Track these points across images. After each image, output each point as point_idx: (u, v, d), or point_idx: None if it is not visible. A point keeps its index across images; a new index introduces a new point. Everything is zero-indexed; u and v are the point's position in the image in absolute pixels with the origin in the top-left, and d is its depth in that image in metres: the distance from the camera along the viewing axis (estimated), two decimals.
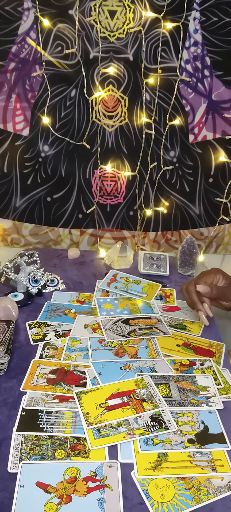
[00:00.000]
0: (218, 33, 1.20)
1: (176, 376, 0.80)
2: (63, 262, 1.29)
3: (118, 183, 1.35)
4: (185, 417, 0.71)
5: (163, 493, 0.59)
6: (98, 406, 0.71)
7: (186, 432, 0.68)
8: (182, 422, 0.70)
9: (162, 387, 0.77)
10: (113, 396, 0.73)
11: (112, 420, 0.68)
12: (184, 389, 0.77)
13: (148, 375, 0.79)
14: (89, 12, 1.17)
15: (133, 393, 0.74)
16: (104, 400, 0.72)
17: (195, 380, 0.79)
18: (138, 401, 0.72)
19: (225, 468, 0.63)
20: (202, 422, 0.70)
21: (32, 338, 0.90)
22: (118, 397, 0.73)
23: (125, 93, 1.25)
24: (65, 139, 1.29)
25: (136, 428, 0.68)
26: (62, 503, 0.56)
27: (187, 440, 0.67)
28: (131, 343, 0.90)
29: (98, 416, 0.69)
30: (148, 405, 0.72)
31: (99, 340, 0.90)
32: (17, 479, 0.59)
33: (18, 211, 1.36)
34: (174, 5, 1.17)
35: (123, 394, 0.74)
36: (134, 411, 0.70)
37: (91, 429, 0.67)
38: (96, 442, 0.65)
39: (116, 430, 0.67)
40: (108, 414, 0.70)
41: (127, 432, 0.67)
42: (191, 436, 0.67)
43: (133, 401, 0.72)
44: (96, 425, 0.67)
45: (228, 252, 1.47)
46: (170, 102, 1.26)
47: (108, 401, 0.72)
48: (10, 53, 1.19)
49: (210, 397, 0.75)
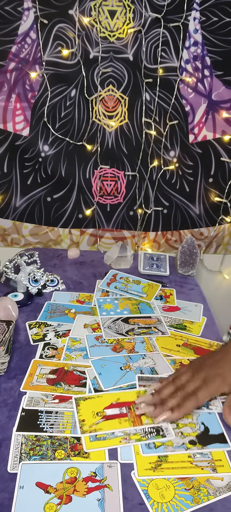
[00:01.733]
0: (218, 33, 1.20)
1: None
2: (63, 262, 1.29)
3: (118, 183, 1.35)
4: (185, 419, 0.71)
5: (163, 493, 0.59)
6: (95, 415, 0.70)
7: (186, 433, 0.68)
8: (182, 424, 0.70)
9: None
10: (112, 405, 0.72)
11: (107, 430, 0.67)
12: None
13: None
14: (89, 12, 1.17)
15: (133, 404, 0.73)
16: (103, 409, 0.71)
17: None
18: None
19: (225, 468, 0.63)
20: (202, 423, 0.70)
21: (32, 338, 0.90)
22: (117, 407, 0.72)
23: (125, 93, 1.25)
24: (65, 139, 1.29)
25: (132, 433, 0.67)
26: (62, 503, 0.56)
27: (188, 441, 0.66)
28: (128, 339, 0.90)
29: (94, 424, 0.68)
30: (146, 418, 0.70)
31: (96, 337, 0.90)
32: (17, 479, 0.59)
33: (18, 211, 1.36)
34: (174, 5, 1.17)
35: (122, 405, 0.72)
36: (131, 424, 0.69)
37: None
38: (91, 444, 0.65)
39: (112, 434, 0.67)
40: (104, 423, 0.68)
41: (123, 437, 0.66)
42: (192, 438, 0.67)
43: (131, 413, 0.71)
44: (90, 434, 0.66)
45: (228, 252, 1.47)
46: (170, 102, 1.26)
47: (107, 410, 0.71)
48: (10, 53, 1.19)
49: (210, 400, 0.75)
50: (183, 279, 1.22)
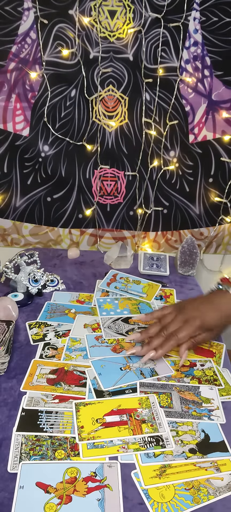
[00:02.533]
0: (218, 33, 1.20)
1: (179, 386, 0.78)
2: (63, 262, 1.29)
3: (118, 183, 1.35)
4: (185, 426, 0.69)
5: (163, 493, 0.59)
6: (95, 421, 0.69)
7: (186, 442, 0.67)
8: (182, 431, 0.68)
9: (163, 396, 0.75)
10: (113, 412, 0.71)
11: (106, 438, 0.66)
12: (186, 400, 0.75)
13: (154, 394, 0.75)
14: (89, 12, 1.17)
15: (134, 412, 0.71)
16: (102, 416, 0.70)
17: (198, 391, 0.77)
18: (138, 421, 0.70)
19: (227, 466, 0.63)
20: (202, 431, 0.69)
21: (32, 338, 0.90)
22: (117, 414, 0.71)
23: (125, 93, 1.25)
24: (65, 139, 1.29)
25: (131, 442, 0.66)
26: (62, 503, 0.56)
27: (188, 450, 0.65)
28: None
29: (92, 431, 0.67)
30: (147, 427, 0.69)
31: (96, 337, 0.90)
32: (17, 479, 0.59)
33: (18, 211, 1.36)
34: (174, 5, 1.17)
35: (123, 412, 0.71)
36: (131, 432, 0.67)
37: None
38: (88, 452, 0.64)
39: (111, 442, 0.66)
40: (103, 431, 0.67)
41: (122, 445, 0.65)
42: (192, 446, 0.66)
43: (132, 421, 0.70)
44: (88, 441, 0.65)
45: (228, 252, 1.47)
46: (170, 102, 1.26)
47: (107, 417, 0.70)
48: (10, 53, 1.19)
49: (213, 410, 0.73)
50: (183, 279, 1.22)
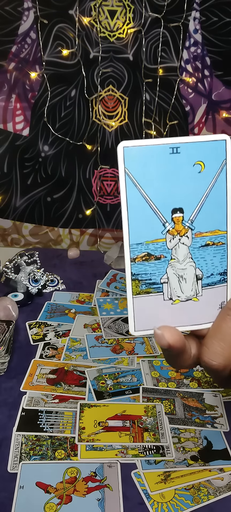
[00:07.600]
0: (218, 33, 1.20)
1: (182, 392, 0.77)
2: (63, 262, 1.29)
3: (118, 183, 1.35)
4: (187, 433, 0.68)
5: (163, 493, 0.58)
6: (97, 424, 0.68)
7: (188, 449, 0.66)
8: (184, 438, 0.68)
9: (166, 402, 0.74)
10: (117, 417, 0.70)
11: (105, 442, 0.65)
12: (190, 406, 0.74)
13: (161, 403, 0.74)
14: (89, 12, 1.17)
15: (138, 419, 0.70)
16: (105, 419, 0.70)
17: (202, 398, 0.76)
18: (140, 429, 0.69)
19: (228, 467, 0.62)
20: (205, 438, 0.68)
21: (32, 338, 0.90)
22: (121, 420, 0.70)
23: (125, 93, 1.25)
24: (65, 139, 1.29)
25: (131, 448, 0.65)
26: (62, 503, 0.56)
27: (190, 457, 0.64)
28: (128, 339, 0.90)
29: (93, 434, 0.67)
30: (148, 436, 0.68)
31: (96, 337, 0.90)
32: (17, 479, 0.59)
33: (18, 211, 1.36)
34: (174, 5, 1.17)
35: (127, 418, 0.70)
36: (131, 439, 0.66)
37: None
38: (87, 454, 0.64)
39: (110, 446, 0.65)
40: (103, 434, 0.67)
41: (121, 450, 0.65)
42: (194, 453, 0.65)
43: (134, 428, 0.69)
44: (87, 443, 0.65)
45: None
46: (170, 102, 1.26)
47: (110, 421, 0.69)
48: (10, 53, 1.19)
49: (216, 418, 0.72)
50: None
